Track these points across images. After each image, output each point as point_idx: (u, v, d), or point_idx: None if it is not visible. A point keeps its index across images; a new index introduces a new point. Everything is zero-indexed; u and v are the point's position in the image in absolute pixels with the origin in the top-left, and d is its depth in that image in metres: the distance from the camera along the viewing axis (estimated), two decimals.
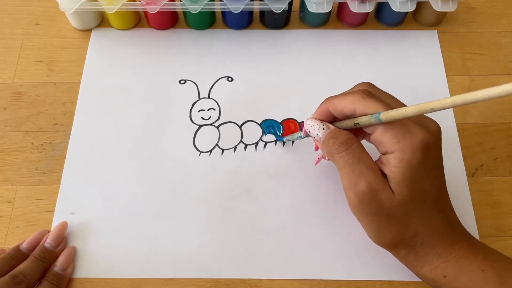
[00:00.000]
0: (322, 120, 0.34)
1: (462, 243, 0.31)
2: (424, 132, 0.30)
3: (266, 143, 0.42)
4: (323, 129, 0.33)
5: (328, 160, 0.39)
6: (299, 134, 0.39)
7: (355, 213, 0.32)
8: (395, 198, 0.30)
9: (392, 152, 0.30)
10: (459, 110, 0.44)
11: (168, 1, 0.44)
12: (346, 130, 0.33)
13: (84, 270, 0.37)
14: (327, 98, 0.34)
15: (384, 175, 0.31)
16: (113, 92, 0.45)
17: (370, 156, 0.31)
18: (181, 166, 0.41)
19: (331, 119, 0.34)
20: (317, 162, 0.39)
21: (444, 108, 0.26)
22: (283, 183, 0.40)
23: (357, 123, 0.31)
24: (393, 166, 0.30)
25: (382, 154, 0.31)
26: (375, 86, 0.34)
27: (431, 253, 0.31)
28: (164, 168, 0.41)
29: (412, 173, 0.30)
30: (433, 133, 0.31)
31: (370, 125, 0.31)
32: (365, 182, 0.30)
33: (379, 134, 0.30)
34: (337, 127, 0.33)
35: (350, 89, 0.35)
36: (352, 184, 0.30)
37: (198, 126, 0.43)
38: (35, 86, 0.45)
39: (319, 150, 0.38)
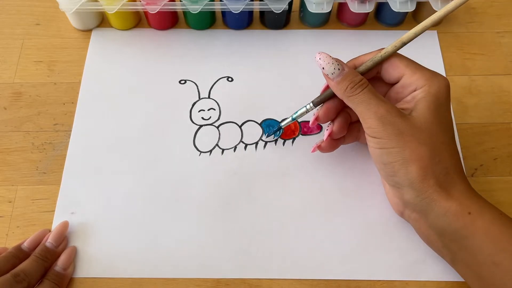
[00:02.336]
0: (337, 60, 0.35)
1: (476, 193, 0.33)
2: (446, 79, 0.34)
3: (266, 143, 0.42)
4: (339, 69, 0.34)
5: (323, 152, 0.39)
6: (304, 109, 0.38)
7: (379, 142, 0.32)
8: (418, 119, 0.32)
9: (420, 88, 0.33)
10: (459, 110, 0.44)
11: (168, 1, 0.44)
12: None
13: (85, 269, 0.37)
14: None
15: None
16: (113, 92, 0.45)
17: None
18: (181, 166, 0.41)
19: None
20: (313, 150, 0.39)
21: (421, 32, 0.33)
22: (283, 183, 0.40)
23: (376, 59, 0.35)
24: (420, 96, 0.33)
25: (408, 94, 0.34)
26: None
27: (454, 187, 0.32)
28: (164, 168, 0.41)
29: (436, 103, 0.32)
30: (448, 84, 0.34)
31: (377, 63, 0.34)
32: (385, 107, 0.32)
33: (408, 76, 0.33)
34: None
35: None
36: (372, 113, 0.32)
37: (198, 126, 0.43)
38: (35, 86, 0.45)
39: (317, 140, 0.38)
